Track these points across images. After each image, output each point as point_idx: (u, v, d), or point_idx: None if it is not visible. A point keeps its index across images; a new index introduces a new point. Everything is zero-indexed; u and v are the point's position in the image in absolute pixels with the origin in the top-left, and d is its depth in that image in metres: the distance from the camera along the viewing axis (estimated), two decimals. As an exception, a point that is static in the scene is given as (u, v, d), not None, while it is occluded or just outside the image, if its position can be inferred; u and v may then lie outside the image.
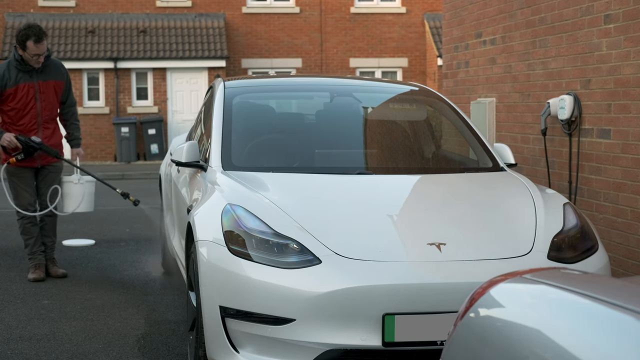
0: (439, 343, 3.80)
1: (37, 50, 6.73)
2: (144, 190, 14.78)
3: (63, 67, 7.13)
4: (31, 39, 6.68)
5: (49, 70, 6.95)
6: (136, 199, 7.37)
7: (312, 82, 6.74)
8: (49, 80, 6.92)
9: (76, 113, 7.24)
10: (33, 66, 6.83)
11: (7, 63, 6.93)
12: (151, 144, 22.03)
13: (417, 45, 24.43)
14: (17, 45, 6.84)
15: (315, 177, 4.82)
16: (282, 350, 3.87)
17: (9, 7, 22.79)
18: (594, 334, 1.90)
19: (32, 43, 6.69)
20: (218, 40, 22.86)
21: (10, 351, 5.11)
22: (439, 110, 5.88)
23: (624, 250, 5.87)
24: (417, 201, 4.74)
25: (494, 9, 7.83)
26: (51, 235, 7.19)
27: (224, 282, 4.00)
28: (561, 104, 6.41)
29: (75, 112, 7.24)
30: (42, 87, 6.89)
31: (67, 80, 7.09)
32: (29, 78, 6.85)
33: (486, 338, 2.20)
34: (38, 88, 6.87)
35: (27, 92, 6.84)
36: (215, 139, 5.12)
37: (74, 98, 7.23)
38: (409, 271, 3.89)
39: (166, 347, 5.18)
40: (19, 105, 6.84)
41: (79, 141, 7.26)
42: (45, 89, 6.90)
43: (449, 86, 9.01)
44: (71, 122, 7.19)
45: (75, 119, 7.22)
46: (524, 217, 4.38)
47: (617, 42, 5.87)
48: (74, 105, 7.21)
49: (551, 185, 6.69)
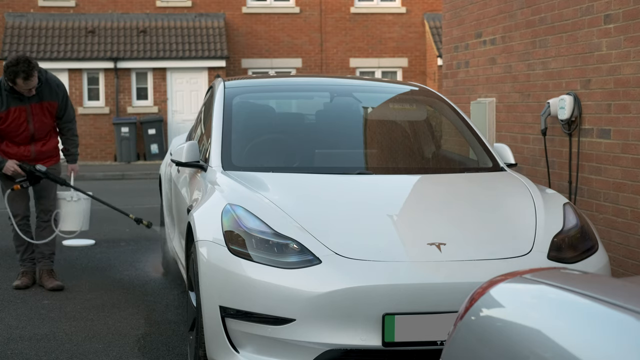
0: (439, 343, 3.80)
1: (27, 86, 6.40)
2: (144, 190, 14.79)
3: (59, 85, 6.74)
4: (20, 77, 6.32)
5: (43, 91, 6.60)
6: (149, 222, 7.32)
7: (312, 82, 6.74)
8: (42, 102, 6.60)
9: (74, 129, 6.89)
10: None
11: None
12: (151, 144, 22.03)
13: (417, 45, 24.43)
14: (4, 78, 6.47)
15: (315, 177, 4.82)
16: (282, 350, 3.87)
17: (9, 7, 22.79)
18: (594, 334, 1.90)
19: (21, 80, 6.34)
20: (218, 40, 22.86)
21: (10, 351, 5.11)
22: (439, 110, 5.88)
23: (624, 250, 5.87)
24: (417, 201, 4.74)
25: (494, 9, 7.83)
26: (50, 244, 6.83)
27: (224, 282, 4.00)
28: (561, 104, 6.41)
29: (73, 128, 6.88)
30: (35, 109, 6.58)
31: (62, 99, 6.71)
32: (19, 102, 6.53)
33: (486, 338, 2.20)
34: (30, 110, 6.57)
35: (18, 115, 6.54)
36: (215, 139, 5.12)
37: (73, 114, 6.88)
38: (409, 271, 3.89)
39: (166, 347, 5.18)
40: (11, 128, 6.57)
41: (75, 157, 6.96)
42: (37, 111, 6.59)
43: (449, 86, 9.01)
44: (67, 137, 6.87)
45: (73, 135, 6.88)
46: (524, 217, 4.38)
47: (617, 42, 5.87)
48: (71, 121, 6.85)
49: (551, 185, 6.69)
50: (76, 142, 6.93)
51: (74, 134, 6.90)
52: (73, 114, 6.88)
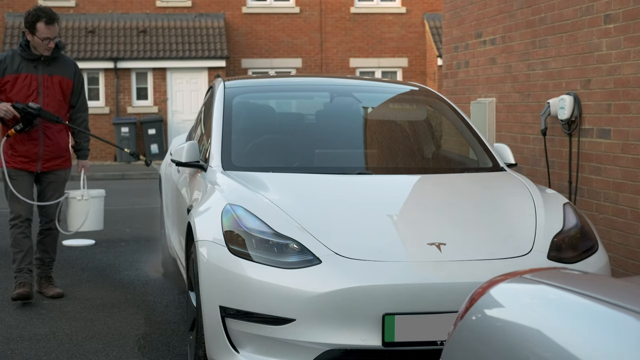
0: (439, 343, 3.80)
1: (48, 33, 6.03)
2: (144, 190, 14.79)
3: (75, 65, 6.38)
4: (42, 19, 6.00)
5: (57, 64, 6.23)
6: (148, 159, 6.91)
7: (312, 82, 6.74)
8: (55, 75, 6.19)
9: (87, 120, 6.46)
10: (41, 54, 6.13)
11: (12, 50, 6.24)
12: (151, 144, 22.03)
13: (417, 45, 24.42)
14: (25, 30, 6.11)
15: (315, 177, 4.82)
16: (282, 350, 3.87)
17: (9, 7, 22.79)
18: (594, 334, 1.90)
19: (43, 25, 6.01)
20: (218, 40, 22.86)
21: (10, 351, 5.11)
22: (439, 110, 5.88)
23: (624, 250, 5.87)
24: (417, 201, 4.74)
25: (494, 9, 7.83)
26: (50, 251, 6.47)
27: (224, 282, 4.00)
28: (561, 104, 6.41)
29: (86, 119, 6.45)
30: (47, 81, 6.16)
31: (77, 79, 6.34)
32: (33, 69, 6.13)
33: (486, 338, 2.20)
34: (42, 81, 6.15)
35: (28, 84, 6.12)
36: (215, 139, 5.12)
37: (87, 104, 6.47)
38: (409, 271, 3.89)
39: (166, 347, 5.18)
40: (19, 98, 6.11)
41: (86, 152, 6.50)
42: (49, 84, 6.17)
43: (449, 86, 9.01)
44: (81, 129, 6.41)
45: (86, 127, 6.44)
46: (524, 217, 4.38)
47: (617, 42, 5.87)
48: (85, 110, 6.43)
49: (551, 185, 6.69)
50: (88, 136, 6.51)
51: (86, 126, 6.47)
52: (87, 103, 6.50)
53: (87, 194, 6.39)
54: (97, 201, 6.48)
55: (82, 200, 6.38)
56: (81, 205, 6.39)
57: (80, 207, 6.39)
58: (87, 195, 6.38)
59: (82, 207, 6.39)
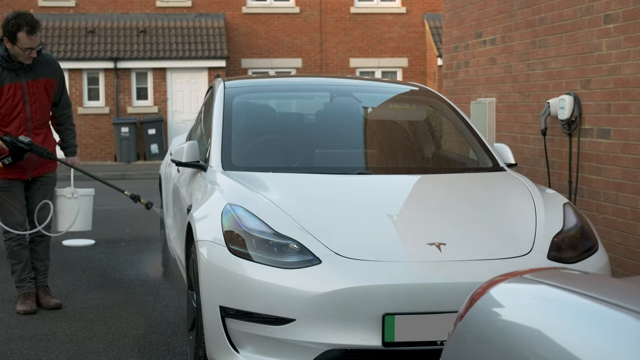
0: (439, 343, 3.80)
1: (30, 44, 5.72)
2: (144, 190, 14.76)
3: (55, 62, 6.08)
4: (23, 29, 5.65)
5: (40, 67, 5.93)
6: (148, 202, 6.55)
7: (312, 82, 6.74)
8: (39, 79, 5.92)
9: (71, 117, 6.26)
10: (22, 62, 5.82)
11: None
12: (151, 144, 22.03)
13: (417, 45, 24.42)
14: (4, 38, 5.76)
15: (315, 177, 4.82)
16: (282, 350, 3.87)
17: (9, 7, 22.78)
18: (594, 334, 1.90)
19: (24, 35, 5.67)
20: (218, 40, 22.86)
21: (10, 351, 5.11)
22: (439, 110, 5.88)
23: (624, 250, 5.87)
24: (417, 201, 4.74)
25: (494, 9, 7.83)
26: (44, 259, 6.21)
27: (224, 282, 4.00)
28: (561, 104, 6.41)
29: (71, 115, 6.25)
30: (32, 87, 5.89)
31: (60, 77, 6.08)
32: (15, 77, 5.83)
33: (486, 338, 2.20)
34: (27, 89, 5.87)
35: (14, 94, 5.83)
36: (215, 139, 5.12)
37: (69, 99, 6.24)
38: (409, 271, 3.89)
39: (166, 347, 5.18)
40: (5, 110, 5.85)
41: (74, 149, 6.27)
42: (35, 90, 5.91)
43: (449, 86, 9.01)
44: (66, 126, 6.20)
45: (71, 124, 6.23)
46: (524, 217, 4.38)
47: (617, 42, 5.87)
48: (68, 107, 6.20)
49: (551, 185, 6.69)
50: (75, 132, 6.27)
51: (72, 122, 6.25)
52: (69, 99, 6.27)
53: (77, 192, 6.19)
54: (87, 200, 6.27)
55: (72, 198, 6.18)
56: (70, 204, 6.19)
57: (69, 206, 6.19)
58: (76, 194, 6.18)
59: (71, 206, 6.19)
